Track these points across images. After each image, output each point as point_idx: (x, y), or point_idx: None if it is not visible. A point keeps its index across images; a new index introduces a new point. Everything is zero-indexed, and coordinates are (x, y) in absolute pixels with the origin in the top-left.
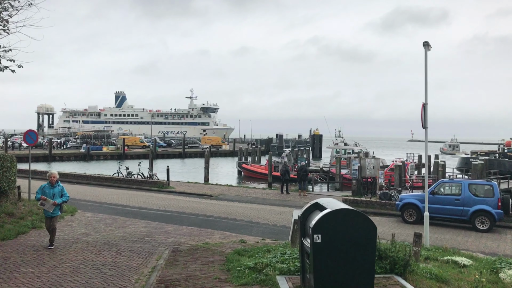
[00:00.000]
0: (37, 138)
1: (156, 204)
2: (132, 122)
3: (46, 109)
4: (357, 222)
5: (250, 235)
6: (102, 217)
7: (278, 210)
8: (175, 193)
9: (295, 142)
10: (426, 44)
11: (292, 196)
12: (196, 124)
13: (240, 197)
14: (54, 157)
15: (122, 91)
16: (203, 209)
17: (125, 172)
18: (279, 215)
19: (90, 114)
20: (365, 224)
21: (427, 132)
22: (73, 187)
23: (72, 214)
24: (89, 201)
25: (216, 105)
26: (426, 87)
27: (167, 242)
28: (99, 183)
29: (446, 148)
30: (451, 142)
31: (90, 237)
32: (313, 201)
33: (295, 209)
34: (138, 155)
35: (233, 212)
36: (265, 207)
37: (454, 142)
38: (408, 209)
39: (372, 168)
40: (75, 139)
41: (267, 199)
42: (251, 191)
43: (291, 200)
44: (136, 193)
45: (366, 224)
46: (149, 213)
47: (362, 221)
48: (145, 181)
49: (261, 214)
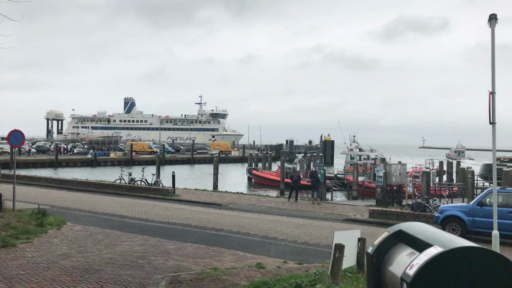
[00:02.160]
0: (23, 139)
1: (158, 214)
2: (141, 128)
3: (55, 115)
4: (496, 272)
5: (268, 256)
6: (93, 231)
7: (297, 223)
8: (181, 201)
9: (305, 148)
10: (493, 17)
11: (306, 205)
12: (205, 130)
13: (253, 207)
14: (60, 163)
15: (131, 97)
16: (211, 220)
17: (127, 178)
18: (299, 228)
19: (99, 120)
20: None
21: (495, 128)
22: (71, 194)
23: (59, 227)
24: (84, 211)
25: (226, 111)
26: (493, 72)
27: (166, 267)
28: (100, 191)
29: (452, 153)
30: (457, 148)
31: (69, 260)
32: (394, 229)
33: (337, 231)
34: (146, 161)
35: (245, 225)
36: (281, 219)
37: (460, 148)
38: (450, 223)
39: (398, 175)
40: (82, 145)
41: (282, 209)
42: (264, 200)
43: (309, 211)
44: (138, 201)
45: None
46: (149, 226)
47: (505, 270)
48: (149, 188)
49: (277, 227)
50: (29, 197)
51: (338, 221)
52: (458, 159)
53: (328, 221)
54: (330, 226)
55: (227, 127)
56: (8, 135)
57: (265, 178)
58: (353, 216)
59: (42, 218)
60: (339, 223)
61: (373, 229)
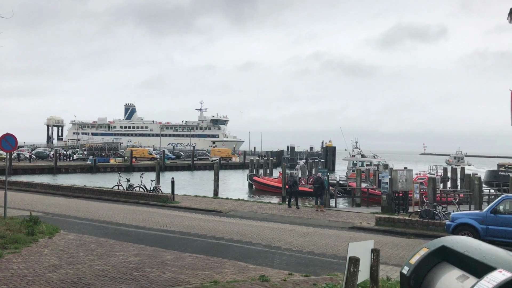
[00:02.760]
0: (16, 144)
1: (156, 222)
2: (141, 134)
3: (55, 121)
4: None
5: (272, 267)
6: (87, 240)
7: (301, 231)
8: (180, 208)
9: (307, 154)
10: None
11: (310, 212)
12: (206, 136)
13: (254, 214)
14: (59, 169)
15: (132, 103)
16: (211, 228)
17: (125, 184)
18: (303, 237)
19: (100, 126)
20: None
21: None
22: (67, 201)
23: (51, 235)
24: (79, 218)
25: (226, 117)
26: None
27: (162, 280)
28: (97, 197)
29: (452, 160)
30: (456, 154)
31: (58, 273)
32: (435, 245)
33: (351, 242)
34: (146, 167)
35: (247, 233)
36: (284, 227)
37: (459, 154)
38: (463, 231)
39: (404, 181)
40: (82, 151)
41: (285, 216)
42: (266, 207)
43: (313, 218)
44: (136, 208)
45: None
46: (147, 234)
47: None
48: (148, 195)
49: (281, 235)
50: (24, 203)
51: (344, 229)
52: (458, 165)
53: (333, 229)
54: (336, 235)
55: (227, 133)
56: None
57: (266, 184)
58: (359, 224)
59: (33, 226)
60: (345, 231)
61: (381, 238)
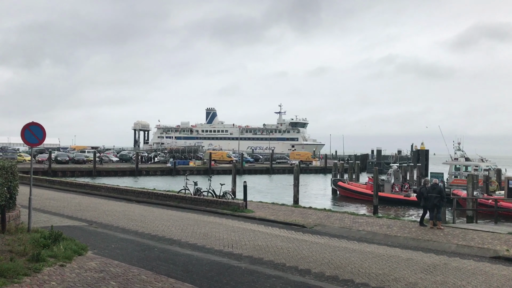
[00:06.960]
0: (43, 137)
1: (221, 239)
2: (222, 138)
3: (142, 126)
4: None
5: None
6: (112, 271)
7: (422, 261)
8: (254, 219)
9: (396, 158)
10: None
11: (424, 231)
12: (285, 139)
13: (349, 231)
14: (140, 171)
15: (213, 108)
16: (292, 252)
17: (192, 188)
18: (430, 274)
19: (182, 130)
20: None
21: None
22: (126, 207)
23: (66, 261)
24: (126, 232)
25: (306, 120)
26: None
27: None
28: (161, 203)
29: None
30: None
31: None
32: None
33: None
34: (224, 170)
35: (344, 263)
36: (395, 253)
37: None
38: None
39: None
40: (164, 154)
41: (390, 235)
42: (362, 221)
43: (431, 240)
44: (200, 218)
45: None
46: (201, 260)
47: None
48: (216, 201)
49: (395, 269)
50: (76, 209)
51: (485, 259)
52: None
53: (469, 259)
54: (480, 270)
55: (307, 136)
56: (22, 130)
57: (353, 191)
58: (505, 251)
59: (50, 246)
60: (487, 263)
61: None
